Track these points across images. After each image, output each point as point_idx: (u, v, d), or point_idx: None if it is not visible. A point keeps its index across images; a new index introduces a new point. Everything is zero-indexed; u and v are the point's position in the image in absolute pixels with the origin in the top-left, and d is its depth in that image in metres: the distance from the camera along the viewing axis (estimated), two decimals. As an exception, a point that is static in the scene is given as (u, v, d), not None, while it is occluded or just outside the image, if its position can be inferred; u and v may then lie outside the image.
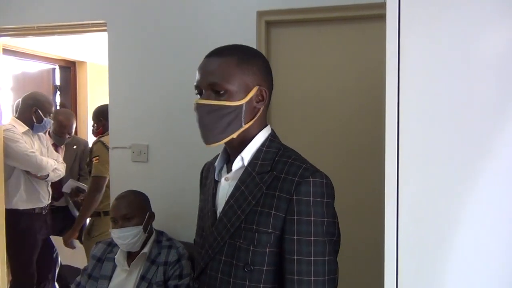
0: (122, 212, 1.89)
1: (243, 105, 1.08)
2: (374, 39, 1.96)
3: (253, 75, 1.10)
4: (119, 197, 1.97)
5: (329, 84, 2.13)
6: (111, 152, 2.45)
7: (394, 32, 0.84)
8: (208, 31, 2.20)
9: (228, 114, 1.07)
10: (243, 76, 1.08)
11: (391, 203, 0.84)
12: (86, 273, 1.94)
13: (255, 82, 1.10)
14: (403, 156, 0.84)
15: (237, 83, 1.08)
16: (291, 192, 1.03)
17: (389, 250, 0.85)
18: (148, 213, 1.95)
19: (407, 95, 0.84)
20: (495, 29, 0.79)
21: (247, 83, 1.09)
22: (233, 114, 1.07)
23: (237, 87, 1.08)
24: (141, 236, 1.88)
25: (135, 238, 1.86)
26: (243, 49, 1.14)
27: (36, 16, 2.52)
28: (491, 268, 0.80)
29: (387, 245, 0.86)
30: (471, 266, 0.81)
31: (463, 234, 0.81)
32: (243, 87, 1.09)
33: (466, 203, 0.81)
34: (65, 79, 4.37)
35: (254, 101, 1.11)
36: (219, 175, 1.19)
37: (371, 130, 2.01)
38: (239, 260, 1.06)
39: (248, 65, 1.10)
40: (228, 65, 1.08)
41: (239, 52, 1.11)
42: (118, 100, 2.42)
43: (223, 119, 1.07)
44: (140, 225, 1.88)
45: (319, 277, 1.01)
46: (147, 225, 1.92)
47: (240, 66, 1.09)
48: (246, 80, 1.09)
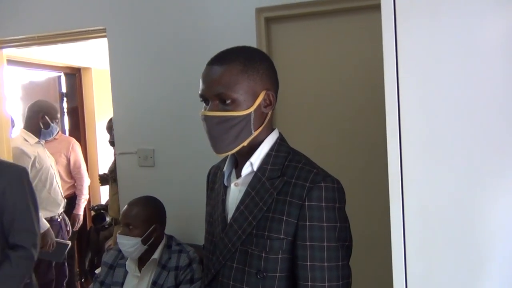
0: (126, 220, 1.90)
1: (251, 113, 1.05)
2: (376, 30, 1.92)
3: (259, 80, 1.06)
4: (130, 204, 1.97)
5: (333, 78, 2.09)
6: (118, 158, 2.45)
7: (390, 23, 0.81)
8: (207, 32, 2.18)
9: (238, 124, 1.04)
10: (249, 82, 1.04)
11: (396, 203, 0.81)
12: (99, 280, 1.94)
13: (262, 87, 1.06)
14: (406, 153, 0.81)
15: (243, 90, 1.03)
16: (303, 198, 1.01)
17: (396, 250, 0.83)
18: (154, 226, 1.91)
19: (407, 88, 0.80)
20: (497, 16, 0.75)
21: (254, 89, 1.05)
22: (242, 123, 1.04)
23: (243, 95, 1.03)
24: (139, 247, 1.87)
25: (132, 248, 1.85)
26: (246, 52, 1.09)
27: (37, 26, 2.54)
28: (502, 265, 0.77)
29: (394, 246, 0.83)
30: (481, 264, 0.78)
31: (472, 232, 0.78)
32: (250, 94, 1.04)
33: (474, 200, 0.78)
34: (71, 86, 4.39)
35: (262, 106, 1.07)
36: (228, 180, 1.17)
37: (377, 123, 1.97)
38: (251, 267, 1.04)
39: (253, 71, 1.05)
40: (232, 73, 1.03)
41: (242, 57, 1.06)
42: (122, 106, 2.42)
43: (232, 129, 1.04)
44: (139, 237, 1.86)
45: (333, 282, 1.00)
46: (149, 238, 1.89)
47: (245, 72, 1.04)
48: (253, 86, 1.05)
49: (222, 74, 1.04)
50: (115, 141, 2.46)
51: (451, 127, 0.78)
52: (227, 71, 1.04)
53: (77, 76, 4.42)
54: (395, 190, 0.82)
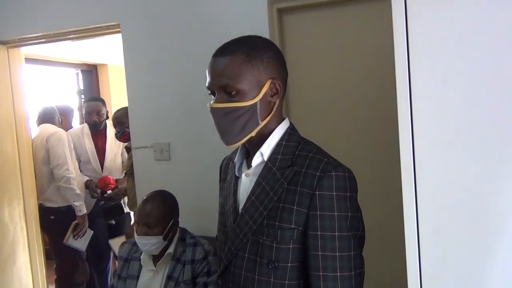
0: (145, 220, 1.86)
1: (257, 103, 1.04)
2: (388, 18, 1.88)
3: (264, 69, 1.05)
4: (145, 200, 1.93)
5: (346, 67, 2.07)
6: (134, 152, 2.47)
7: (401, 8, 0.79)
8: (220, 24, 2.18)
9: (243, 114, 1.04)
10: (253, 72, 1.04)
11: (408, 193, 0.80)
12: (117, 274, 1.97)
13: (267, 76, 1.05)
14: (418, 140, 0.79)
15: (247, 81, 1.03)
16: (313, 187, 1.00)
17: (410, 240, 0.82)
18: (172, 221, 1.91)
19: (418, 75, 0.79)
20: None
21: (259, 78, 1.04)
22: (248, 113, 1.04)
23: (248, 85, 1.03)
24: (160, 244, 1.87)
25: (154, 246, 1.85)
26: (250, 42, 1.08)
27: (52, 24, 2.57)
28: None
29: (407, 235, 0.82)
30: (494, 249, 0.76)
31: (485, 221, 0.76)
32: (255, 84, 1.04)
33: (486, 187, 0.76)
34: (88, 82, 4.46)
35: (268, 95, 1.07)
36: (239, 171, 1.17)
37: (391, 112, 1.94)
38: (263, 257, 1.04)
39: (257, 60, 1.04)
40: (235, 64, 1.03)
41: (245, 47, 1.05)
42: (137, 100, 2.43)
43: (239, 119, 1.04)
44: (160, 235, 1.85)
45: (345, 272, 0.99)
46: (169, 234, 1.89)
47: (248, 62, 1.03)
48: (257, 75, 1.04)
49: (226, 65, 1.04)
50: (131, 135, 2.49)
51: (463, 114, 0.76)
52: (231, 62, 1.03)
53: (93, 73, 4.49)
54: (407, 178, 0.81)
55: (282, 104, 1.13)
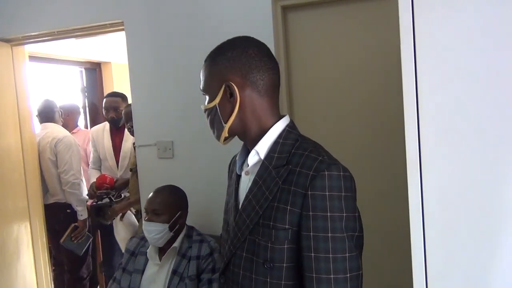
0: (153, 206, 1.92)
1: (216, 106, 1.10)
2: (394, 15, 1.87)
3: (218, 74, 1.09)
4: (156, 191, 2.00)
5: (351, 65, 2.06)
6: (138, 150, 2.47)
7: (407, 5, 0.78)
8: (224, 22, 2.17)
9: (213, 116, 1.12)
10: (213, 76, 1.10)
11: (414, 192, 0.80)
12: (121, 267, 1.98)
13: (221, 80, 1.09)
14: (424, 136, 0.79)
15: (208, 86, 1.12)
16: (306, 187, 0.98)
17: (415, 239, 0.81)
18: (180, 213, 1.94)
19: (424, 71, 0.78)
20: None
21: (217, 82, 1.10)
22: (213, 116, 1.12)
23: (211, 90, 1.11)
24: (165, 233, 1.89)
25: (159, 235, 1.87)
26: (220, 46, 1.12)
27: (56, 21, 2.56)
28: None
29: (413, 235, 0.81)
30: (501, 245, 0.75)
31: (492, 220, 0.75)
32: (215, 88, 1.10)
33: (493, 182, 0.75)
34: (91, 80, 4.45)
35: (226, 99, 1.09)
36: (240, 169, 1.17)
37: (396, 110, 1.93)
38: (259, 256, 1.03)
39: (215, 65, 1.10)
40: (204, 69, 1.13)
41: (214, 51, 1.12)
42: (140, 98, 2.43)
43: (212, 121, 1.13)
44: (166, 223, 1.89)
45: (339, 275, 0.95)
46: (175, 225, 1.92)
47: (209, 68, 1.11)
48: (216, 79, 1.10)
49: (201, 71, 1.14)
50: (135, 133, 2.49)
51: (469, 108, 0.75)
52: (203, 67, 1.14)
53: (97, 70, 4.49)
54: (413, 177, 0.80)
55: (272, 102, 1.10)
